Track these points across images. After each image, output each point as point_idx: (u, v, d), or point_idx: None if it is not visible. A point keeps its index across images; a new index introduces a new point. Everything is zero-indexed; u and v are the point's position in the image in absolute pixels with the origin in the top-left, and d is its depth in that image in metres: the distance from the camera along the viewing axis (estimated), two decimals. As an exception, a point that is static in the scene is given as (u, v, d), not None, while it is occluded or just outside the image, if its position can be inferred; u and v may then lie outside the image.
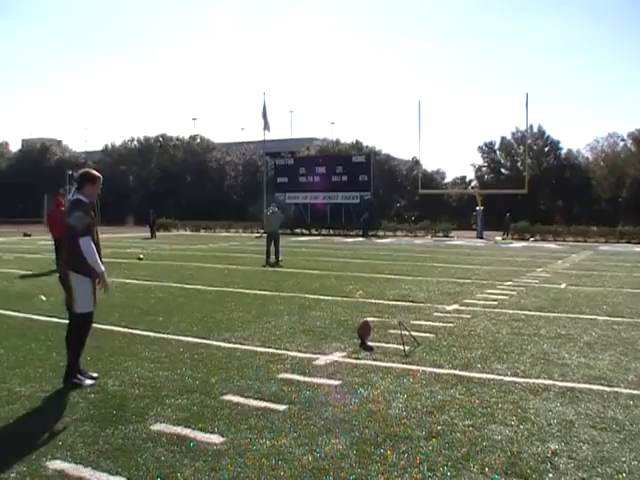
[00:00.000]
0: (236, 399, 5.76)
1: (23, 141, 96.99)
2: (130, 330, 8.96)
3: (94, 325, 9.06)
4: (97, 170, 6.81)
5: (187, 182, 76.92)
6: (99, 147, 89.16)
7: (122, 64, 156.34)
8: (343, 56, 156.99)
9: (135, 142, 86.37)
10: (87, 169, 6.69)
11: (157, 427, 5.03)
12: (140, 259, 21.45)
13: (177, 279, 15.38)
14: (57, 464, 4.32)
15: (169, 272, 17.34)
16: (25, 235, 41.57)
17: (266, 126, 50.73)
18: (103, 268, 6.34)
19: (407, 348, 7.78)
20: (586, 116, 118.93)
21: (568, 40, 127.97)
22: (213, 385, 6.23)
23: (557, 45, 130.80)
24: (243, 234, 48.94)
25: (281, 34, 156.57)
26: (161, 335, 8.62)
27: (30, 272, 16.98)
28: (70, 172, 79.07)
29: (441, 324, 9.64)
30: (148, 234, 40.34)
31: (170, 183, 75.74)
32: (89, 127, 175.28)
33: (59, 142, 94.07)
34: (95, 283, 6.45)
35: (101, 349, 7.72)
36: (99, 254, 6.36)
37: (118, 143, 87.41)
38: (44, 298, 11.72)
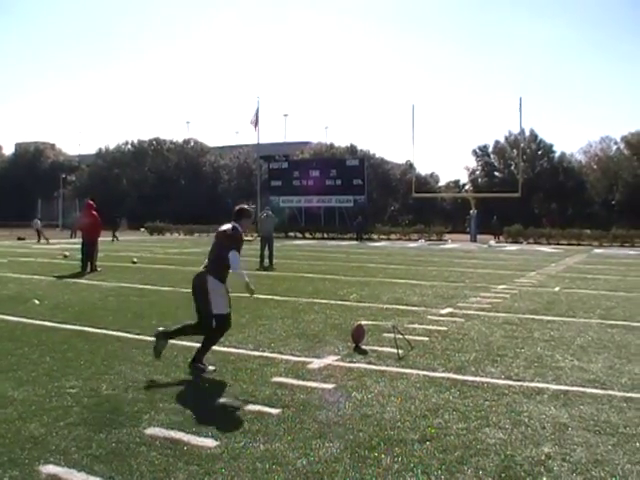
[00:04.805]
0: (230, 403, 5.74)
1: (16, 145, 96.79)
2: (124, 334, 8.90)
3: (87, 329, 9.13)
4: (93, 174, 6.91)
5: (181, 185, 76.87)
6: (93, 150, 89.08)
7: (116, 67, 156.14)
8: (337, 60, 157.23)
9: (129, 145, 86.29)
10: (244, 206, 7.76)
11: (151, 431, 5.00)
12: (134, 263, 21.41)
13: (171, 283, 15.32)
14: (50, 468, 4.30)
15: (163, 276, 17.31)
16: (19, 239, 41.49)
17: (254, 122, 50.96)
18: (247, 279, 7.36)
19: (401, 351, 7.78)
20: (579, 120, 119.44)
21: (561, 44, 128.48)
22: (207, 389, 6.21)
23: (550, 49, 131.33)
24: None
25: (275, 38, 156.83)
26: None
27: (23, 275, 16.93)
28: (64, 175, 79.18)
29: (435, 327, 9.64)
30: (139, 236, 40.24)
31: (164, 186, 75.70)
32: (83, 130, 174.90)
33: (53, 145, 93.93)
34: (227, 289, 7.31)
35: (95, 353, 7.69)
36: None
37: (112, 146, 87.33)
38: (37, 302, 11.69)
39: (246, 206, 7.81)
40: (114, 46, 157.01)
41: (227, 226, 7.41)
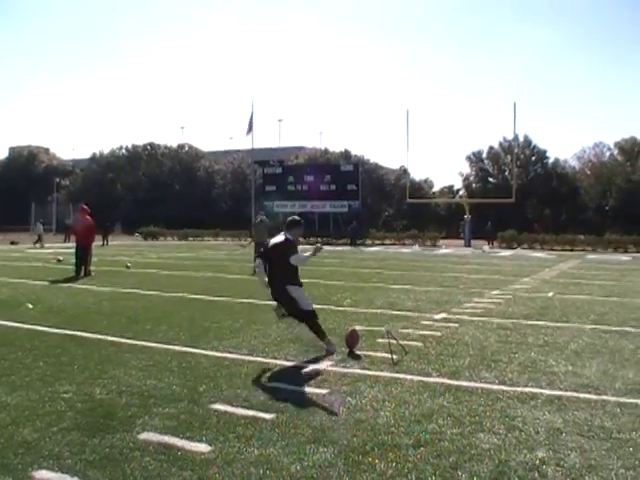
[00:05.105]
0: (224, 408, 5.72)
1: (10, 149, 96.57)
2: (117, 339, 8.89)
3: (81, 334, 9.14)
4: (88, 178, 6.95)
5: (175, 190, 76.70)
6: (87, 155, 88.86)
7: (110, 72, 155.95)
8: (331, 65, 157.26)
9: (123, 150, 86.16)
10: (296, 217, 8.68)
11: (144, 436, 4.99)
12: (127, 267, 21.38)
13: (165, 287, 15.32)
14: (43, 474, 4.28)
15: (157, 280, 17.29)
16: (12, 243, 41.40)
17: (249, 129, 51.04)
18: (309, 254, 8.58)
19: (395, 357, 7.77)
20: (573, 126, 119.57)
21: (554, 50, 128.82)
22: (201, 394, 6.19)
23: (544, 55, 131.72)
24: (231, 242, 48.84)
25: (270, 43, 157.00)
26: (149, 343, 8.56)
27: (16, 280, 16.87)
28: (58, 180, 78.97)
29: (429, 332, 9.63)
30: (133, 241, 40.20)
31: (158, 191, 75.58)
32: (77, 135, 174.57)
33: (47, 150, 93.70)
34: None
35: (88, 358, 7.68)
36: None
37: (106, 151, 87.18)
38: (31, 306, 11.67)
39: (297, 217, 8.70)
40: (108, 51, 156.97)
41: (280, 239, 8.28)
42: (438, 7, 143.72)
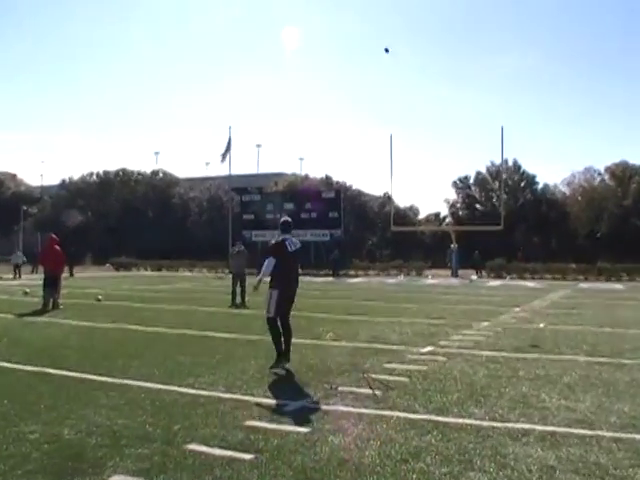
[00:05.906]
0: (200, 448, 5.53)
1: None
2: (88, 375, 8.64)
3: (49, 370, 9.00)
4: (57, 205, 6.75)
5: (149, 218, 75.65)
6: (56, 181, 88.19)
7: (81, 94, 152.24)
8: (311, 89, 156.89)
9: (94, 176, 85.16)
10: (288, 218, 9.73)
11: (116, 479, 4.82)
12: (98, 300, 21.03)
13: (138, 321, 15.08)
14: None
15: (129, 314, 17.03)
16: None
17: (224, 156, 50.96)
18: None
19: (378, 392, 7.63)
20: (562, 150, 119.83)
21: (542, 73, 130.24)
22: (176, 433, 5.98)
23: (531, 78, 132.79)
24: (207, 274, 48.47)
25: (247, 67, 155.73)
26: (120, 380, 8.32)
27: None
28: (25, 207, 78.00)
29: (415, 367, 9.45)
30: (104, 272, 39.86)
31: (131, 219, 74.33)
32: (46, 160, 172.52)
33: (13, 176, 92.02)
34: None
35: (56, 396, 7.43)
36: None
37: (76, 177, 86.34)
38: None
39: (289, 218, 9.70)
40: (79, 75, 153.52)
41: (299, 245, 9.49)
42: (421, 31, 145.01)
